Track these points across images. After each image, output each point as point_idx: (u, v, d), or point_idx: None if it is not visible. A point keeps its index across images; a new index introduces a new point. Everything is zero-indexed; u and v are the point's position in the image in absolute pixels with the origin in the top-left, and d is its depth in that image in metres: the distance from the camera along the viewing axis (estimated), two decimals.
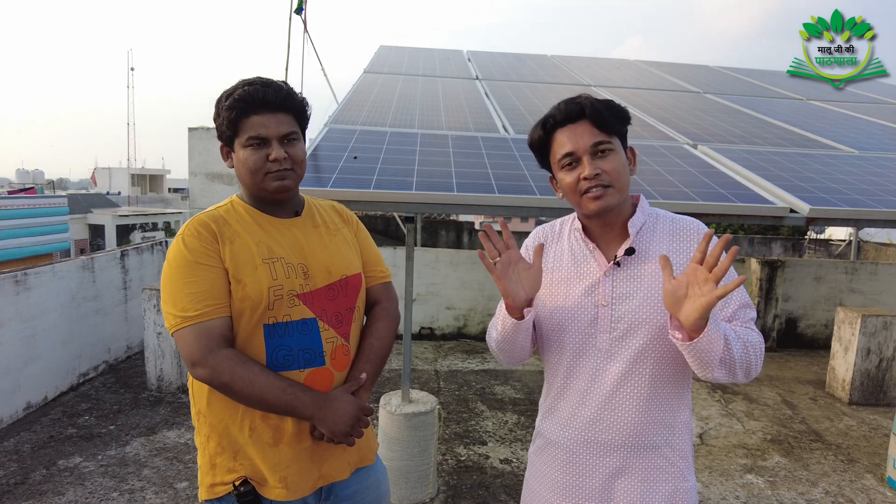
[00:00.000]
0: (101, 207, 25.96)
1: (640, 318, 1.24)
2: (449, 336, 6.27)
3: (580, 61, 7.52)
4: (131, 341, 5.21)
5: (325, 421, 1.29)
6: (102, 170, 42.60)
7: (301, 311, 1.33)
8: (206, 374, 1.24)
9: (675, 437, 1.29)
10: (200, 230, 1.31)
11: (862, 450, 3.84)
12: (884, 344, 4.61)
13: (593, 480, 1.29)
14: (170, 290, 1.28)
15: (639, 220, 1.28)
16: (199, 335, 1.24)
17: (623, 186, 1.25)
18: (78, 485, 3.07)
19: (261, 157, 1.31)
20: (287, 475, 1.32)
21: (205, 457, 1.35)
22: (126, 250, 5.25)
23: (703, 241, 1.10)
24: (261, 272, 1.30)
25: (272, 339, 1.30)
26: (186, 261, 1.28)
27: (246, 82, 1.33)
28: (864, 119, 5.21)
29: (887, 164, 3.49)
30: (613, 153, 1.23)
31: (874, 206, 2.66)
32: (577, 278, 1.31)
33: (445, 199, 2.38)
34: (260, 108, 1.30)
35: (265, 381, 1.25)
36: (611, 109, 1.25)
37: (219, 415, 1.32)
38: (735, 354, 1.15)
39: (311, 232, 1.42)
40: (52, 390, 4.17)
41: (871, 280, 6.41)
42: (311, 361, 1.33)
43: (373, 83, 4.99)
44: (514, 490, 3.18)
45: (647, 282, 1.25)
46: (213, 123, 1.37)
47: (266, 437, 1.31)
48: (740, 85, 6.58)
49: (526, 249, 1.43)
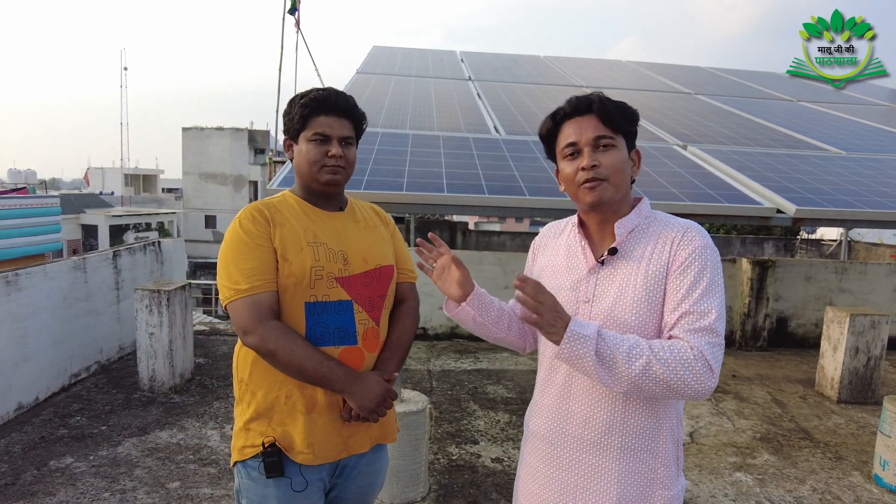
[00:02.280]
0: (94, 207, 25.83)
1: (613, 317, 1.26)
2: (442, 336, 6.28)
3: (573, 62, 7.55)
4: (123, 342, 5.20)
5: (354, 395, 1.43)
6: (95, 170, 42.38)
7: (338, 293, 1.48)
8: (255, 341, 1.39)
9: (657, 444, 1.28)
10: (255, 215, 1.47)
11: (850, 448, 3.88)
12: (872, 343, 4.66)
13: (576, 477, 1.31)
14: (225, 267, 1.43)
15: (630, 221, 1.29)
16: (249, 306, 1.39)
17: (619, 183, 1.28)
18: (69, 485, 3.07)
19: (321, 151, 1.48)
20: (315, 441, 1.45)
21: (240, 422, 1.49)
22: (118, 251, 5.24)
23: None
24: (306, 253, 1.45)
25: (312, 316, 1.45)
26: (242, 241, 1.43)
27: (320, 89, 1.53)
28: (853, 120, 5.26)
29: (874, 165, 3.53)
30: (614, 149, 1.27)
31: (861, 206, 2.69)
32: (566, 273, 1.35)
33: (435, 199, 2.39)
34: (329, 111, 1.49)
35: (305, 352, 1.39)
36: (619, 108, 1.29)
37: (259, 382, 1.46)
38: (630, 370, 1.14)
39: (351, 225, 1.58)
40: (43, 391, 4.16)
41: (860, 280, 6.47)
42: (345, 339, 1.47)
43: (365, 84, 4.99)
44: (505, 489, 3.19)
45: (620, 283, 1.27)
46: (283, 118, 1.54)
47: (301, 406, 1.45)
48: (732, 86, 6.63)
49: (533, 246, 1.53)
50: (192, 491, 3.06)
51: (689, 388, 1.15)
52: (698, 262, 1.23)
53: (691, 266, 1.23)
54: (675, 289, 1.23)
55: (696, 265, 1.23)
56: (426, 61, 6.73)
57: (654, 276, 1.25)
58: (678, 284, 1.22)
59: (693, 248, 1.24)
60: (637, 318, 1.24)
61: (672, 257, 1.25)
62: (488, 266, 6.24)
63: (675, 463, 1.31)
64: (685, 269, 1.23)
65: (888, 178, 3.22)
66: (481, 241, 12.09)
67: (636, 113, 1.33)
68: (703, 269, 1.23)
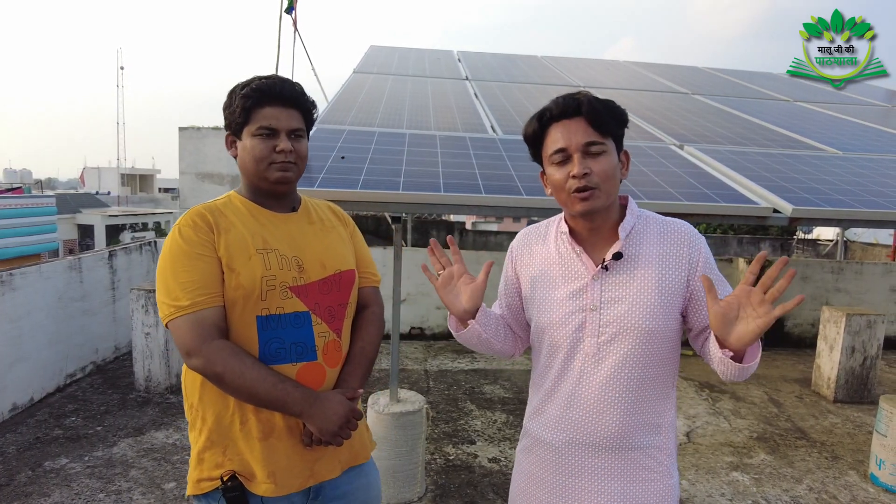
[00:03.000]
0: (91, 207, 25.74)
1: (628, 324, 1.23)
2: (439, 336, 6.27)
3: (570, 62, 7.56)
4: (119, 342, 5.18)
5: (314, 418, 1.29)
6: (91, 169, 42.23)
7: (294, 304, 1.34)
8: (199, 363, 1.26)
9: (661, 437, 1.29)
10: (196, 220, 1.32)
11: (846, 447, 3.89)
12: (868, 342, 4.67)
13: (582, 481, 1.29)
14: (164, 281, 1.29)
15: (629, 223, 1.26)
16: (192, 324, 1.25)
17: (611, 190, 1.23)
18: (64, 486, 3.06)
19: (268, 146, 1.34)
20: (276, 470, 1.32)
21: (195, 450, 1.35)
22: (114, 250, 5.22)
23: (756, 262, 1.12)
24: (254, 262, 1.31)
25: (265, 332, 1.31)
26: (182, 251, 1.29)
27: (263, 76, 1.37)
28: (850, 120, 5.27)
29: (870, 165, 3.54)
30: (606, 155, 1.21)
31: (857, 206, 2.69)
32: (564, 281, 1.29)
33: (432, 199, 2.39)
34: (274, 101, 1.34)
35: (256, 374, 1.25)
36: (609, 110, 1.23)
37: (210, 408, 1.32)
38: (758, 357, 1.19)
39: (306, 227, 1.44)
40: (38, 391, 4.14)
41: (856, 279, 6.49)
42: (303, 355, 1.34)
43: (362, 83, 4.99)
44: (501, 489, 3.19)
45: (637, 286, 1.24)
46: (223, 112, 1.39)
47: (256, 431, 1.31)
48: (728, 86, 6.64)
49: (511, 252, 1.44)
50: None
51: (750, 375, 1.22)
52: (711, 260, 1.29)
53: (709, 266, 1.28)
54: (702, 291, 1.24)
55: (712, 263, 1.29)
56: (423, 61, 6.72)
57: (672, 280, 1.24)
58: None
59: (704, 249, 1.28)
60: (653, 323, 1.22)
61: (690, 261, 1.26)
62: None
63: (675, 452, 1.34)
64: (709, 271, 1.27)
65: (884, 178, 3.23)
66: (479, 241, 12.10)
67: (625, 112, 1.27)
68: (714, 264, 1.30)
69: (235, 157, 1.40)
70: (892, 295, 6.56)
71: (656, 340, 1.24)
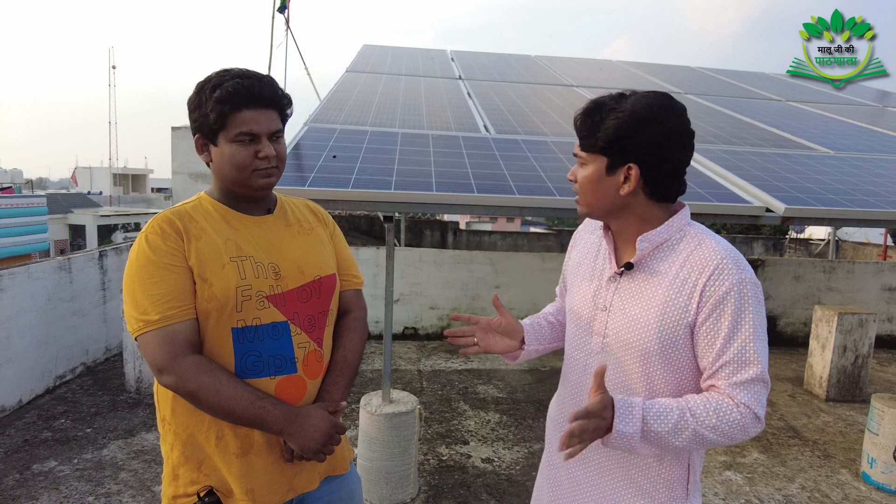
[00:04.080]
0: (82, 207, 25.56)
1: (619, 338, 1.22)
2: (433, 336, 6.26)
3: (563, 62, 7.56)
4: (110, 343, 5.14)
5: (295, 436, 1.24)
6: (83, 169, 41.98)
7: (271, 314, 1.27)
8: (171, 381, 1.19)
9: (663, 465, 1.22)
10: (164, 227, 1.24)
11: (838, 446, 3.90)
12: (859, 341, 4.69)
13: (580, 470, 1.31)
14: (131, 292, 1.21)
15: (658, 236, 1.19)
16: (163, 340, 1.18)
17: (588, 201, 1.23)
18: (52, 489, 3.02)
19: (249, 153, 1.25)
20: (254, 487, 1.26)
21: (168, 465, 1.29)
22: (104, 250, 5.17)
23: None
24: (228, 270, 1.24)
25: (241, 344, 1.24)
26: (149, 260, 1.21)
27: (235, 74, 1.26)
28: (841, 120, 5.29)
29: (862, 165, 3.55)
30: (584, 166, 1.22)
31: (849, 205, 2.70)
32: (592, 276, 1.32)
33: (424, 198, 2.37)
34: (252, 103, 1.24)
35: (233, 391, 1.19)
36: (587, 128, 1.20)
37: (184, 423, 1.26)
38: (677, 443, 1.11)
39: (282, 230, 1.36)
40: (27, 393, 4.09)
41: (847, 278, 6.52)
42: (282, 368, 1.27)
43: (355, 82, 4.96)
44: (495, 489, 3.18)
45: (643, 301, 1.20)
46: (191, 112, 1.27)
47: (234, 447, 1.25)
48: (721, 86, 6.66)
49: (573, 239, 1.48)
50: None
51: (737, 441, 1.14)
52: (735, 302, 1.11)
53: (727, 307, 1.11)
54: (711, 333, 1.13)
55: (733, 306, 1.11)
56: (416, 60, 6.70)
57: (673, 307, 1.15)
58: (715, 329, 1.12)
59: (729, 286, 1.11)
60: (643, 347, 1.18)
61: (703, 293, 1.13)
62: (479, 266, 6.23)
63: (680, 485, 1.24)
64: (721, 312, 1.11)
65: (875, 178, 3.24)
66: (472, 241, 12.09)
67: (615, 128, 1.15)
68: (742, 309, 1.11)
69: (208, 162, 1.29)
70: (883, 294, 6.60)
71: (655, 362, 1.18)
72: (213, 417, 1.24)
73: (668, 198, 1.21)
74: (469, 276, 6.23)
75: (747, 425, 1.11)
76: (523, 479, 3.29)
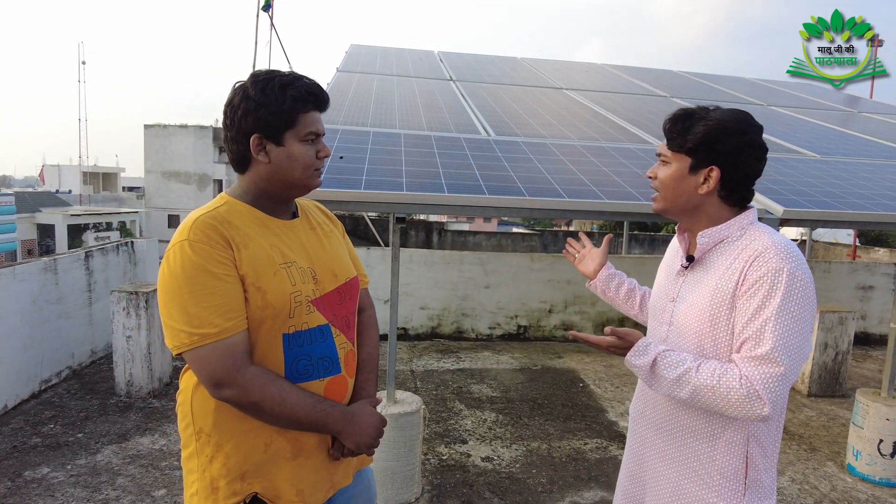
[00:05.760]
0: (51, 206, 24.84)
1: (679, 326, 1.35)
2: (423, 336, 6.27)
3: (549, 64, 7.64)
4: (96, 346, 5.02)
5: (352, 435, 1.29)
6: (51, 167, 40.79)
7: (317, 318, 1.29)
8: (233, 394, 1.16)
9: (716, 451, 1.29)
10: (210, 234, 1.18)
11: (822, 439, 4.03)
12: (839, 339, 4.85)
13: (646, 450, 1.44)
14: (180, 304, 1.15)
15: (718, 233, 1.30)
16: (223, 353, 1.15)
17: (667, 197, 1.35)
18: (48, 496, 2.95)
19: (313, 152, 1.30)
20: (304, 487, 1.28)
21: (205, 479, 1.24)
22: (90, 251, 5.05)
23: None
24: (280, 277, 1.23)
25: (292, 350, 1.25)
26: (200, 269, 1.16)
27: (296, 76, 1.28)
28: (820, 124, 5.47)
29: (847, 168, 3.68)
30: (667, 165, 1.34)
31: (843, 207, 2.80)
32: (667, 269, 1.48)
33: (437, 199, 2.39)
34: (319, 106, 1.31)
35: (296, 398, 1.21)
36: (677, 130, 1.31)
37: (229, 433, 1.23)
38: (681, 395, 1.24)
39: (310, 234, 1.38)
40: (12, 398, 3.98)
41: (824, 278, 6.73)
42: (330, 370, 1.30)
43: (348, 82, 4.94)
44: (497, 487, 3.21)
45: (700, 291, 1.32)
46: (255, 109, 1.22)
47: (285, 452, 1.26)
48: (704, 90, 6.81)
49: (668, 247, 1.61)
50: (181, 498, 2.97)
51: (734, 413, 1.19)
52: (767, 286, 1.19)
53: (759, 289, 1.20)
54: (742, 312, 1.22)
55: (765, 289, 1.19)
56: (405, 61, 6.70)
57: (721, 292, 1.26)
58: (745, 307, 1.21)
59: (766, 271, 1.20)
60: (698, 330, 1.30)
61: (743, 277, 1.23)
62: (469, 266, 6.26)
63: (736, 478, 1.28)
64: (753, 292, 1.20)
65: (862, 181, 3.36)
66: (457, 241, 12.13)
67: (704, 133, 1.27)
68: (772, 293, 1.18)
69: (267, 161, 1.25)
70: (857, 292, 6.84)
71: (708, 345, 1.28)
72: (261, 424, 1.23)
73: (738, 202, 1.33)
74: (459, 276, 6.26)
75: (745, 398, 1.16)
76: (524, 478, 3.33)
